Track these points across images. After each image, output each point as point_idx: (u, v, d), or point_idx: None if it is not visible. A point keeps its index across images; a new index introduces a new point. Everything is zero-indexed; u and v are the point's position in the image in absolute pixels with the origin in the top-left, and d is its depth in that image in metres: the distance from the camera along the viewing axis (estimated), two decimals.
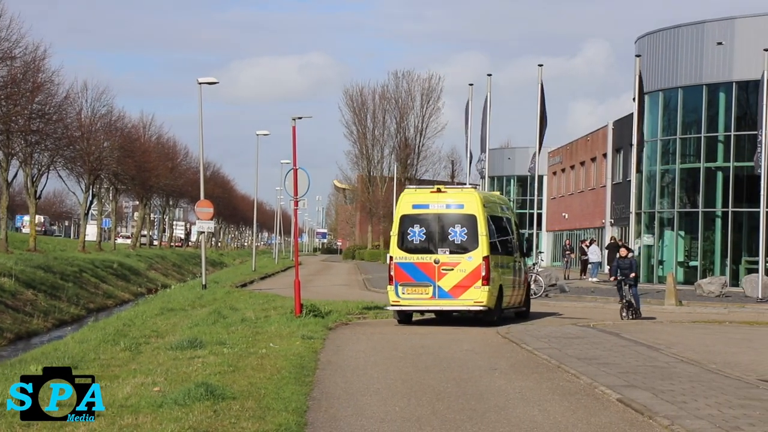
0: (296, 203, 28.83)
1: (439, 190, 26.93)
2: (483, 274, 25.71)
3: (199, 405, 13.09)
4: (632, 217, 44.49)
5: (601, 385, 15.59)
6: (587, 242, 56.97)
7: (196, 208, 45.78)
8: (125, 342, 21.92)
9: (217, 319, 26.49)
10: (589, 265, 54.22)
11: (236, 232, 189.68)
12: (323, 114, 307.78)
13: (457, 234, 26.07)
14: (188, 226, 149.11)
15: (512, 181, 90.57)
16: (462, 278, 25.76)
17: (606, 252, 54.58)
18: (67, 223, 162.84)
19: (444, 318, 27.69)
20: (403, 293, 25.88)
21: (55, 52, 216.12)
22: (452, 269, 25.78)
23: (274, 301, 32.45)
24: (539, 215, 65.68)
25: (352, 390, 15.31)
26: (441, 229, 26.22)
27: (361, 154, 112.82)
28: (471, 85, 49.31)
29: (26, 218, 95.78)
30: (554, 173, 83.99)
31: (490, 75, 46.34)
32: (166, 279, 69.63)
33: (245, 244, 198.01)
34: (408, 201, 26.78)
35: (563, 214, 78.66)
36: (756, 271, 39.93)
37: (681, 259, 49.90)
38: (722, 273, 45.84)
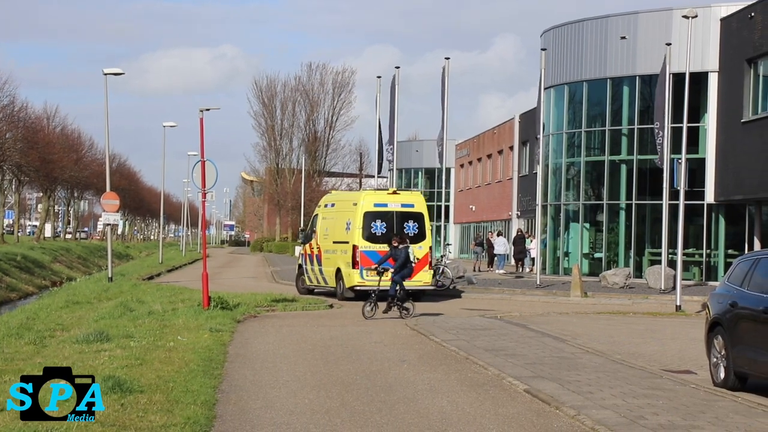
0: (204, 195, 28.67)
1: (395, 192, 33.62)
2: (429, 260, 32.53)
3: (106, 399, 12.92)
4: (538, 209, 44.97)
5: (509, 376, 15.78)
6: (494, 234, 57.50)
7: (101, 200, 45.12)
8: (30, 335, 21.61)
9: (124, 312, 26.23)
10: (496, 257, 54.73)
11: (143, 225, 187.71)
12: (234, 107, 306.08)
13: (411, 228, 32.11)
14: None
15: (420, 173, 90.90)
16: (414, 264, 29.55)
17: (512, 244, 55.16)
18: None
19: (354, 311, 27.85)
20: (367, 275, 31.07)
21: None
22: None
23: (181, 294, 32.22)
24: (447, 207, 66.01)
25: (261, 382, 15.29)
26: (398, 223, 32.05)
27: (269, 146, 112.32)
28: (379, 77, 49.37)
29: None
30: (462, 166, 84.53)
31: (398, 67, 46.30)
32: (71, 272, 68.65)
33: (152, 236, 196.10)
34: (370, 200, 32.49)
35: (471, 207, 79.24)
36: (659, 262, 40.61)
37: (586, 251, 50.54)
38: (626, 265, 46.51)
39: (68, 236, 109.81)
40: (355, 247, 31.74)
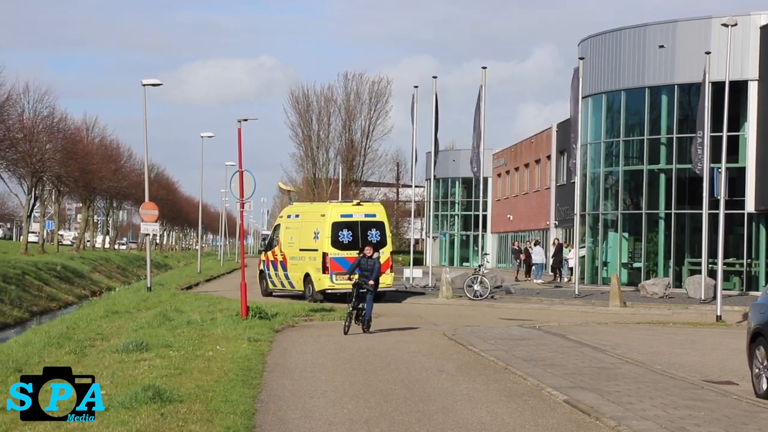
0: (242, 205, 28.76)
1: (359, 204, 37.45)
2: (390, 264, 36.20)
3: (146, 408, 13.01)
4: (576, 219, 44.78)
5: (548, 387, 15.70)
6: (532, 244, 57.32)
7: (140, 210, 45.35)
8: (70, 345, 21.72)
9: (163, 321, 26.31)
10: (533, 267, 54.55)
11: (181, 234, 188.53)
12: (271, 117, 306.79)
13: (374, 235, 35.42)
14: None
15: (457, 182, 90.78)
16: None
17: (551, 254, 54.98)
18: (9, 226, 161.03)
19: (392, 320, 27.85)
20: (336, 279, 34.83)
21: None
22: None
23: (220, 304, 32.30)
24: (484, 217, 65.92)
25: (300, 392, 15.30)
26: (362, 232, 35.60)
27: (306, 156, 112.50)
28: (416, 87, 49.30)
29: None
30: (499, 175, 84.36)
31: (435, 77, 46.33)
32: (110, 281, 69.02)
33: (190, 246, 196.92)
34: (336, 211, 36.12)
35: (508, 216, 79.04)
36: (699, 272, 40.35)
37: (625, 260, 50.28)
38: (666, 274, 46.23)
39: (115, 246, 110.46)
40: (325, 255, 35.28)
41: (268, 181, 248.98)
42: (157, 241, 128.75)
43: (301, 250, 36.95)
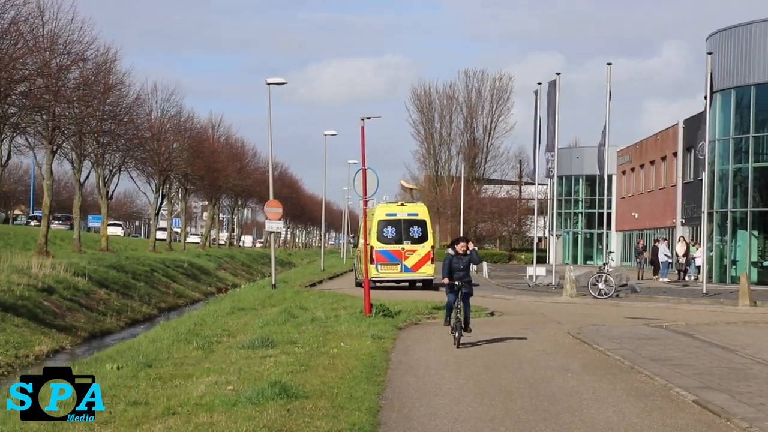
0: (365, 203, 28.90)
1: (403, 204, 42.95)
2: (431, 257, 41.29)
3: (273, 404, 13.13)
4: (704, 217, 43.93)
5: (676, 387, 15.42)
6: (660, 242, 56.42)
7: (265, 208, 45.96)
8: (198, 341, 22.07)
9: (288, 318, 26.58)
10: (660, 265, 53.70)
11: (304, 232, 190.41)
12: (395, 115, 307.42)
13: (415, 231, 41.14)
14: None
15: (581, 180, 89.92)
16: (419, 259, 41.14)
17: (675, 252, 54.03)
18: (137, 224, 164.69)
19: (515, 318, 27.67)
20: (381, 269, 40.54)
21: (126, 53, 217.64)
22: (413, 254, 41.13)
23: (343, 301, 32.51)
24: (609, 215, 65.11)
25: (424, 390, 15.28)
26: (405, 228, 41.18)
27: (428, 154, 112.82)
28: (540, 84, 48.94)
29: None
30: (623, 172, 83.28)
31: (558, 74, 45.94)
32: (235, 278, 70.07)
33: (312, 243, 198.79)
34: (383, 211, 41.63)
35: (633, 214, 77.97)
36: None
37: (755, 259, 49.21)
38: None
39: (242, 244, 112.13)
40: (372, 248, 39.08)
41: (391, 179, 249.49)
42: (282, 238, 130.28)
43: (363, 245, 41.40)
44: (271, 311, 30.85)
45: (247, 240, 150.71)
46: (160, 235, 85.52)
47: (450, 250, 20.60)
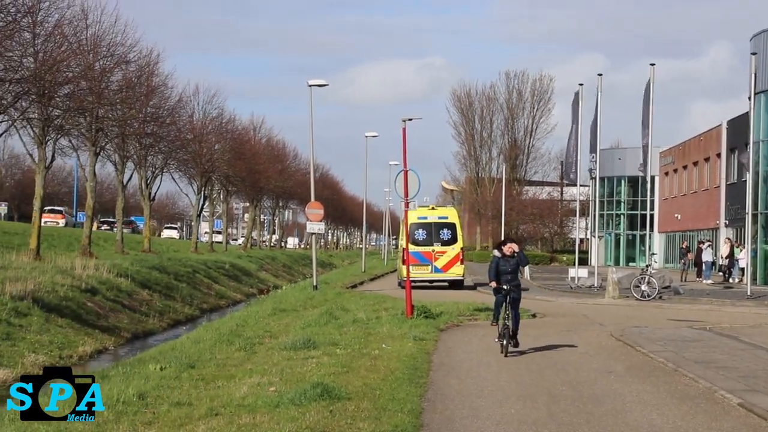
0: (407, 204, 28.86)
1: (433, 208, 45.30)
2: (461, 258, 43.89)
3: (315, 405, 13.16)
4: (748, 218, 43.55)
5: (721, 389, 15.29)
6: (703, 244, 55.98)
7: (306, 209, 45.99)
8: (240, 342, 22.15)
9: (329, 319, 26.62)
10: (704, 266, 53.28)
11: (345, 233, 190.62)
12: (436, 116, 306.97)
13: (445, 234, 43.56)
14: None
15: (623, 181, 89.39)
16: (449, 260, 43.54)
17: (720, 254, 53.62)
18: (179, 224, 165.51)
19: (557, 320, 27.58)
20: (413, 270, 37.62)
21: (169, 56, 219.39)
22: (443, 255, 43.52)
23: (384, 302, 32.50)
24: (651, 216, 64.69)
25: (466, 391, 15.25)
26: (436, 231, 43.65)
27: (469, 156, 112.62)
28: (581, 84, 48.62)
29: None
30: (666, 174, 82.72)
31: (600, 75, 45.68)
32: (276, 280, 70.23)
33: (353, 244, 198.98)
34: (415, 215, 42.50)
35: (676, 215, 77.43)
36: None
37: None
38: None
39: (283, 245, 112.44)
40: (404, 250, 38.15)
41: (432, 181, 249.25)
42: (323, 240, 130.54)
43: (400, 248, 44.74)
44: (312, 312, 30.91)
45: (292, 242, 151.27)
46: (216, 238, 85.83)
47: (496, 252, 19.87)
